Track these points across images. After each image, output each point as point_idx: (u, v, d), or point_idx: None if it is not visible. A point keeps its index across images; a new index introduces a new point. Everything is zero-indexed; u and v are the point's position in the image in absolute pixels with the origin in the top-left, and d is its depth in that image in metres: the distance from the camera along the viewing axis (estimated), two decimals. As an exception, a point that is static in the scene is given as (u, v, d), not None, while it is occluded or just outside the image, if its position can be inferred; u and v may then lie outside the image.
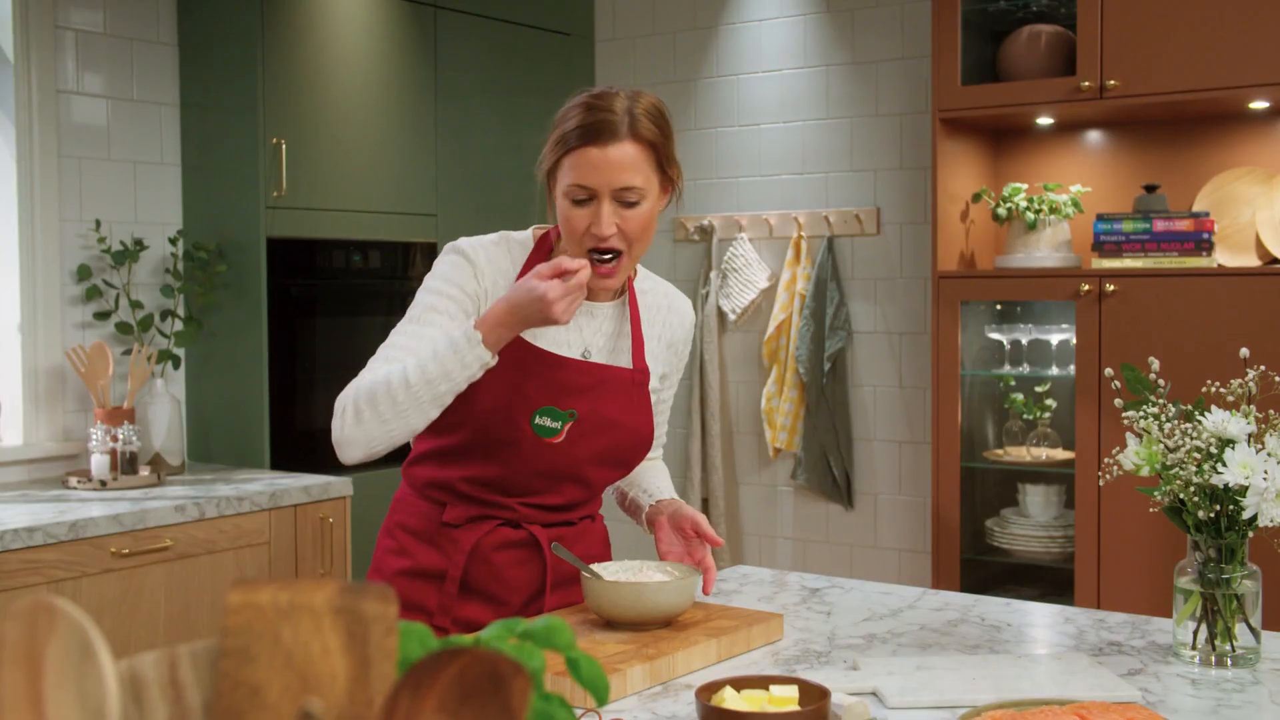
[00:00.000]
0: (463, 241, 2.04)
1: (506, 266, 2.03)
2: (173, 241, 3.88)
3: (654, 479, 2.23)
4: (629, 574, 1.99)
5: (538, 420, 1.97)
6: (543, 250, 2.04)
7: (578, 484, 2.06)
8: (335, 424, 1.93)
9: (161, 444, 3.70)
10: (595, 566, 1.99)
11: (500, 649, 0.87)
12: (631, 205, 1.93)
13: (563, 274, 1.84)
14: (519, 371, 1.97)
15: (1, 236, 3.64)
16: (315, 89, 3.91)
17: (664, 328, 2.16)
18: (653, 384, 2.14)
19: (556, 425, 1.98)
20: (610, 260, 1.95)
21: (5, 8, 3.60)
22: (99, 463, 3.43)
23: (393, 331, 2.00)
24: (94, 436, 3.45)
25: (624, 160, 1.91)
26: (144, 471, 3.54)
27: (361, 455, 1.92)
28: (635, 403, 2.07)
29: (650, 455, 2.27)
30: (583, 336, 2.06)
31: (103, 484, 3.40)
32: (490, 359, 1.87)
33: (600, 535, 2.20)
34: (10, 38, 3.60)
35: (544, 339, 2.01)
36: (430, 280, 2.02)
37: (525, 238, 2.07)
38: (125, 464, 3.48)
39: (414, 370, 1.87)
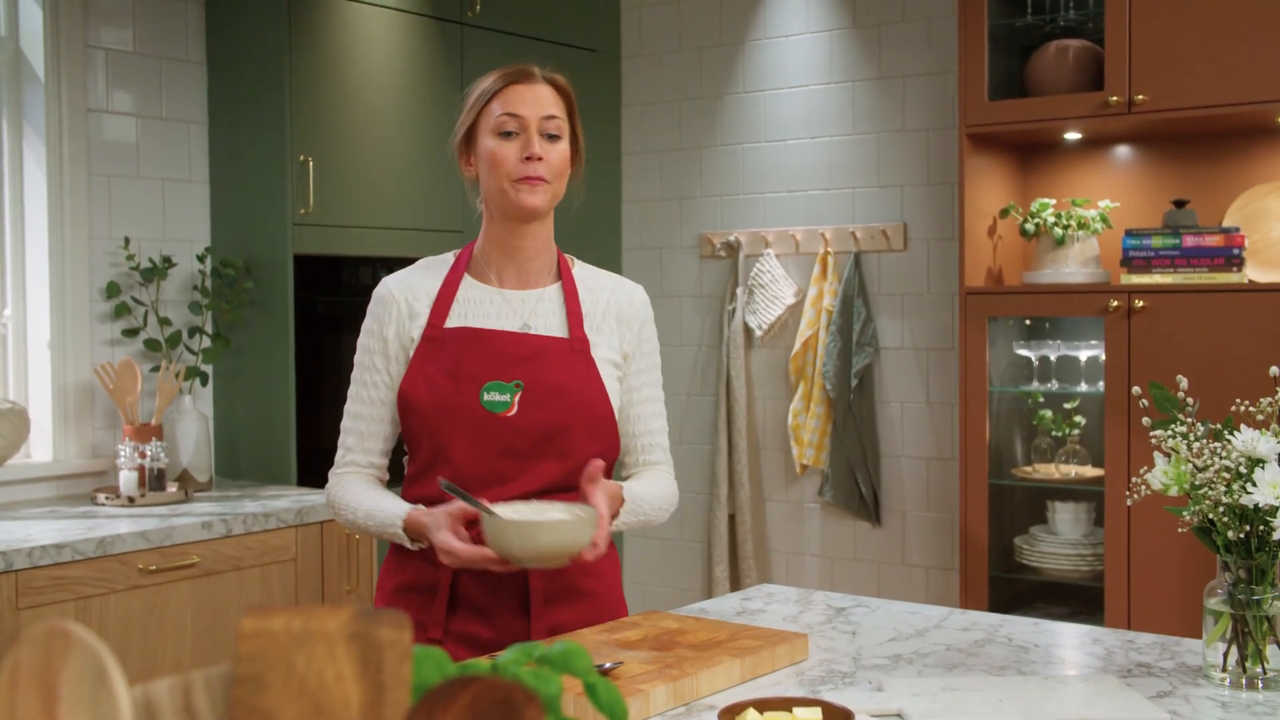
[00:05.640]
0: (383, 281, 2.18)
1: (426, 283, 2.14)
2: (200, 258, 3.90)
3: (637, 480, 2.18)
4: (534, 513, 1.92)
5: (486, 396, 2.04)
6: (463, 259, 2.16)
7: (552, 457, 2.05)
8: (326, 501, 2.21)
9: (189, 460, 3.72)
10: (495, 506, 1.92)
11: (516, 674, 0.86)
12: (554, 139, 2.08)
13: (464, 539, 1.92)
14: (459, 356, 2.06)
15: (32, 254, 3.68)
16: (342, 106, 3.93)
17: (609, 305, 2.18)
18: (609, 356, 2.14)
19: (505, 398, 2.04)
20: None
21: (36, 27, 3.64)
22: (127, 479, 3.45)
23: (349, 396, 2.16)
24: (122, 453, 3.47)
25: (548, 96, 2.09)
26: (171, 488, 3.55)
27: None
28: (580, 370, 2.10)
29: (653, 460, 2.22)
30: (520, 315, 2.12)
31: (130, 500, 3.42)
32: (409, 544, 2.05)
33: None
34: (41, 57, 3.63)
35: (482, 320, 2.10)
36: (361, 338, 2.17)
37: (447, 256, 2.20)
38: (153, 481, 3.50)
39: (360, 518, 2.10)
